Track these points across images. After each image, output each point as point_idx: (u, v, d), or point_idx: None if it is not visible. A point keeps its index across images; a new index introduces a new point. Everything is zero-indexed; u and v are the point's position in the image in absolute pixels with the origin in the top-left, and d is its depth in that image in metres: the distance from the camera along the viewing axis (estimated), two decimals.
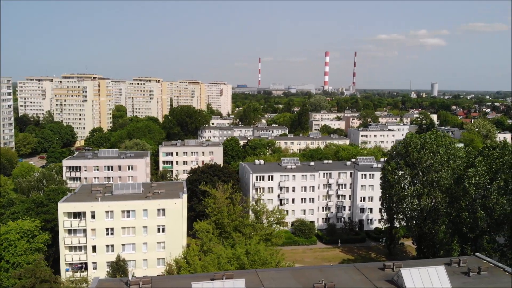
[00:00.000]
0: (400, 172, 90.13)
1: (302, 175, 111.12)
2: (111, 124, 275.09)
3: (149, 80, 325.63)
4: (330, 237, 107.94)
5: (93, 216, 76.42)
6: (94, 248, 77.33)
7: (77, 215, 76.61)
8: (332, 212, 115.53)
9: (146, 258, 79.25)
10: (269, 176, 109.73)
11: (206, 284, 43.64)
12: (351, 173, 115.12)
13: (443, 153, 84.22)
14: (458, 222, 70.77)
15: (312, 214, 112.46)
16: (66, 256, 77.00)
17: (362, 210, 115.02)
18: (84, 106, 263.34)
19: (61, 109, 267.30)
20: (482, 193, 67.64)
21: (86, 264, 77.82)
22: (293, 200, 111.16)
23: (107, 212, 76.90)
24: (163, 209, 78.58)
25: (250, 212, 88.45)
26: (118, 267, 74.41)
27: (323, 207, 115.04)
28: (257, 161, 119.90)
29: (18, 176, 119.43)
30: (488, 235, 67.23)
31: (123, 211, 77.45)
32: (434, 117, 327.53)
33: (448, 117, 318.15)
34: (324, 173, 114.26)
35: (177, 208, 79.48)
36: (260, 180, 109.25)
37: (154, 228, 78.63)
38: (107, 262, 76.19)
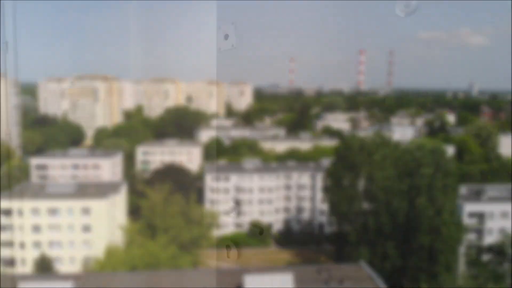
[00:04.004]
0: (340, 174, 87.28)
1: (260, 176, 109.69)
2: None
3: (164, 81, 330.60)
4: (285, 240, 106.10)
5: (19, 214, 78.66)
6: (21, 244, 79.55)
7: (5, 211, 79.01)
8: (292, 214, 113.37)
9: (72, 256, 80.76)
10: (224, 176, 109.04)
11: (33, 284, 44.12)
12: (311, 174, 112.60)
13: (379, 156, 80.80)
14: (365, 227, 67.99)
15: (270, 216, 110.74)
16: None
17: (323, 212, 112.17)
18: (96, 106, 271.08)
19: (74, 109, 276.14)
20: (388, 197, 64.57)
21: (14, 260, 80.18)
22: (249, 202, 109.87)
23: (33, 210, 78.96)
24: (88, 209, 79.83)
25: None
26: (42, 264, 76.58)
27: (282, 209, 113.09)
28: (221, 162, 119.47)
29: None
30: (394, 241, 64.09)
31: (49, 210, 79.32)
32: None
33: (468, 118, 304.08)
34: (284, 174, 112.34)
35: (103, 208, 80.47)
36: (215, 180, 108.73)
37: (79, 227, 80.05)
38: (34, 259, 78.33)
